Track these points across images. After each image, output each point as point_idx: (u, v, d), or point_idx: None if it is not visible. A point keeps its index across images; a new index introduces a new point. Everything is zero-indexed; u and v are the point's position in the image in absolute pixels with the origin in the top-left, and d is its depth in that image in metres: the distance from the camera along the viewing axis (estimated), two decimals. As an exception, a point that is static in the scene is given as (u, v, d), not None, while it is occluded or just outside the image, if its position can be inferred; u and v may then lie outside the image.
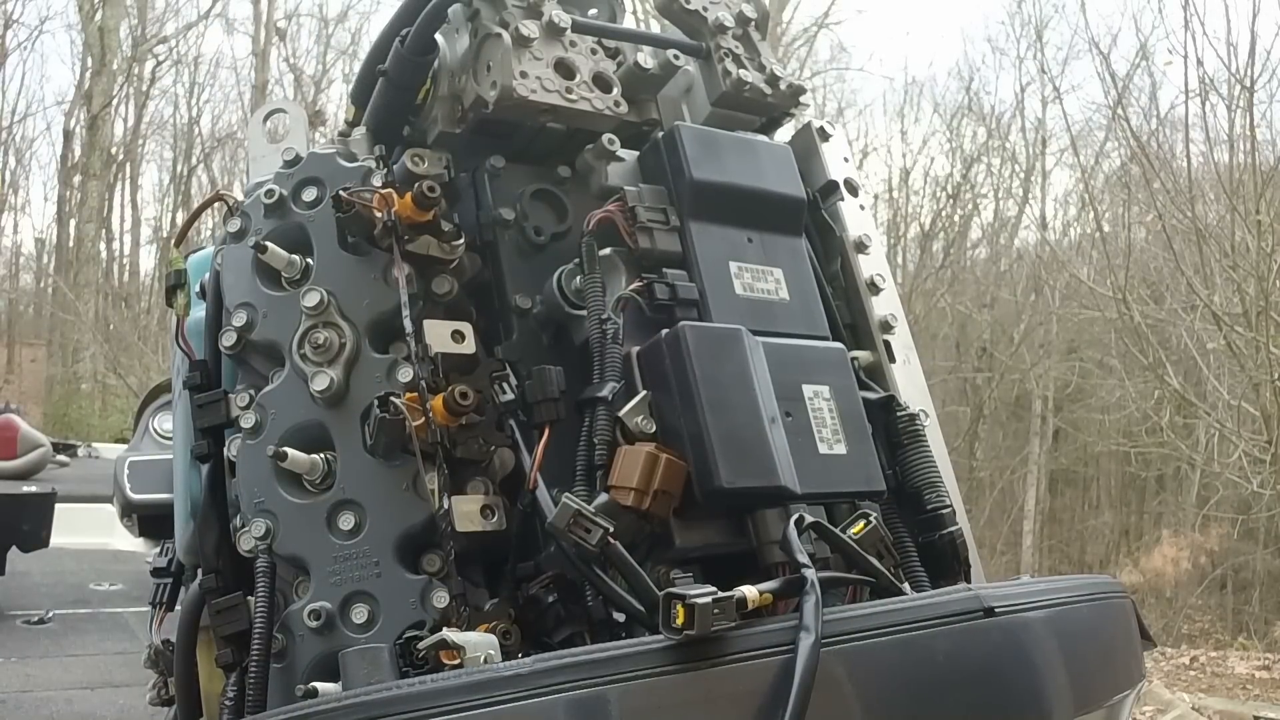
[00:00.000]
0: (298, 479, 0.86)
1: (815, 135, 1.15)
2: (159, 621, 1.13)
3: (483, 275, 0.98)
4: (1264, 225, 9.00)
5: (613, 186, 0.97)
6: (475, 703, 0.61)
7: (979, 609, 0.75)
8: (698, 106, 1.08)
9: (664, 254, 0.93)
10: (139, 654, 1.15)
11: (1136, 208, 12.36)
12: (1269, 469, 9.47)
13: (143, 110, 16.00)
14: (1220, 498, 11.84)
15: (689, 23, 1.07)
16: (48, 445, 3.66)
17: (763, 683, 0.65)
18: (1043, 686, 0.76)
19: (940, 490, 0.98)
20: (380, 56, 1.00)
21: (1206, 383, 10.93)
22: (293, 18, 16.51)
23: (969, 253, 17.11)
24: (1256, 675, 8.11)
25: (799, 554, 0.75)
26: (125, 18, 15.18)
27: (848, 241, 1.11)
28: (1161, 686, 6.98)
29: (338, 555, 0.84)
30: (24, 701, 2.07)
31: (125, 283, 16.39)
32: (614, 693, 0.62)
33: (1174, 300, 11.13)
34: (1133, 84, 12.07)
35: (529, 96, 0.93)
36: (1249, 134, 9.74)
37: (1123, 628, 0.90)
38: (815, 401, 0.90)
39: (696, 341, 0.85)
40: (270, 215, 0.94)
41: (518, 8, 0.96)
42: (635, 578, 0.76)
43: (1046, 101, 15.18)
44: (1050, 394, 15.52)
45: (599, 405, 0.86)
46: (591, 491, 0.83)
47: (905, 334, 1.10)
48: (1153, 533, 14.97)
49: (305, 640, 0.83)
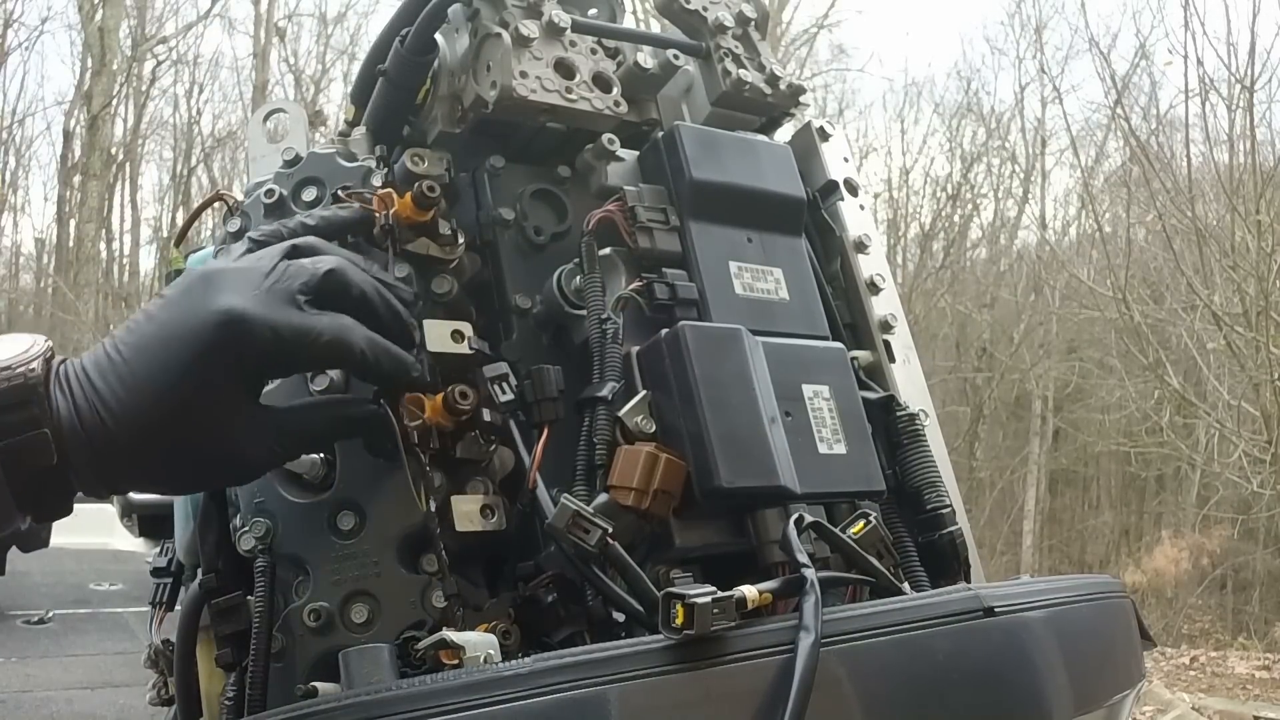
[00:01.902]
0: (298, 479, 0.86)
1: (815, 135, 1.15)
2: (159, 621, 1.13)
3: (483, 275, 0.98)
4: (1264, 225, 9.01)
5: (613, 186, 0.97)
6: (475, 703, 0.61)
7: (979, 609, 0.75)
8: (698, 106, 1.08)
9: (664, 254, 0.93)
10: (139, 654, 1.15)
11: (1136, 208, 12.37)
12: (1269, 469, 9.48)
13: (143, 110, 16.00)
14: (1220, 498, 11.85)
15: (689, 23, 1.07)
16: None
17: (762, 682, 0.65)
18: (1043, 686, 0.76)
19: (940, 490, 0.98)
20: (380, 56, 1.00)
21: (1206, 383, 10.93)
22: (292, 18, 16.51)
23: (969, 253, 17.11)
24: (1256, 675, 8.11)
25: (799, 554, 0.75)
26: (125, 18, 15.18)
27: (848, 241, 1.11)
28: (1161, 686, 6.99)
29: (338, 555, 0.84)
30: (24, 701, 2.07)
31: (125, 283, 16.38)
32: (614, 692, 0.62)
33: (1174, 300, 11.14)
34: (1133, 84, 12.07)
35: (529, 96, 0.93)
36: (1249, 134, 9.74)
37: (1123, 628, 0.90)
38: (815, 401, 0.90)
39: (696, 341, 0.85)
40: (270, 215, 0.94)
41: (518, 8, 0.96)
42: (634, 578, 0.76)
43: (1046, 101, 15.19)
44: (1050, 394, 15.52)
45: (599, 405, 0.86)
46: (591, 491, 0.83)
47: (905, 334, 1.10)
48: (1153, 533, 14.98)
49: (305, 640, 0.83)
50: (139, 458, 0.72)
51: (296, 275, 0.76)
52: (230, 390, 0.73)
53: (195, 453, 0.74)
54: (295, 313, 0.74)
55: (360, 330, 0.78)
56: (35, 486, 0.69)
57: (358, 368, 0.80)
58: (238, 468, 0.78)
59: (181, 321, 0.72)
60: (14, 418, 0.68)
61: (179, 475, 0.76)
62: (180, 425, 0.72)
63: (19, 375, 0.69)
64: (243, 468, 0.78)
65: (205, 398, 0.72)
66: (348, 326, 0.77)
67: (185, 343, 0.71)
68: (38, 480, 0.69)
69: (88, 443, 0.70)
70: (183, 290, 0.74)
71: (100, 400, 0.70)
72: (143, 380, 0.71)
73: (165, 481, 0.77)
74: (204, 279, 0.74)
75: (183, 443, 0.73)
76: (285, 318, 0.73)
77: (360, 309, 0.79)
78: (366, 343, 0.78)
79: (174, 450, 0.73)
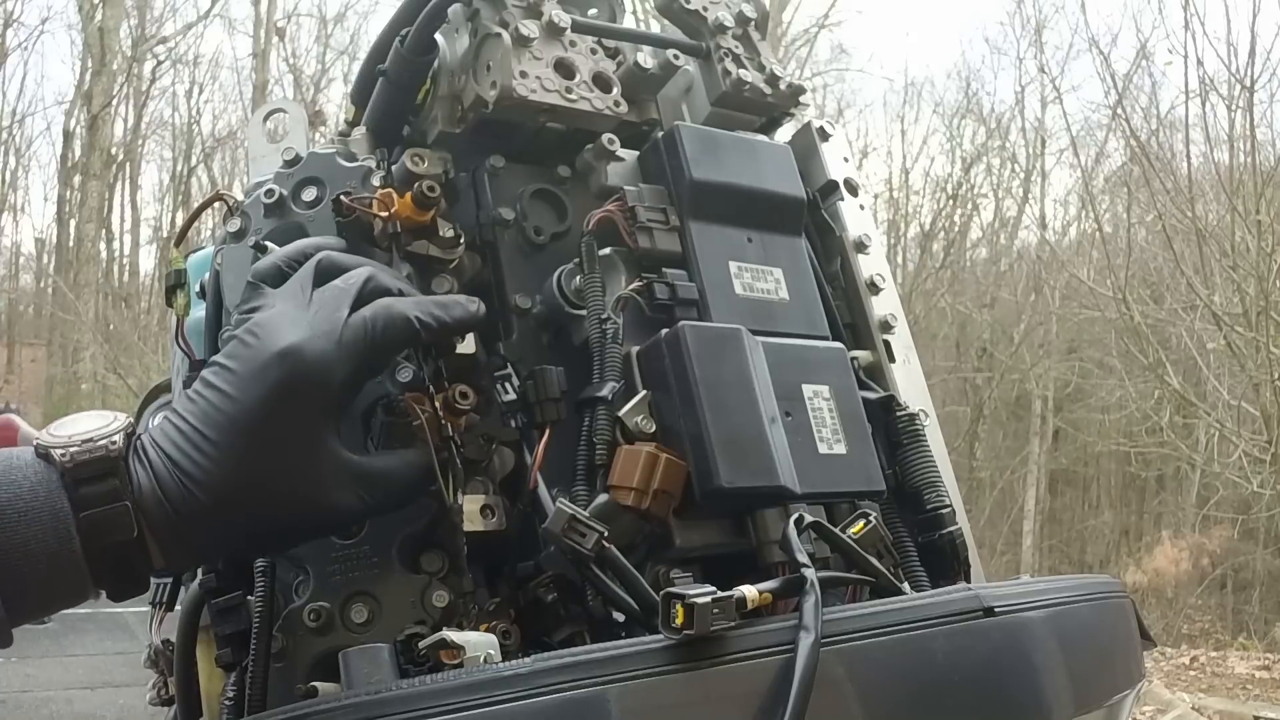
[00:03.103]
0: (298, 479, 0.86)
1: (815, 135, 1.15)
2: (159, 621, 1.13)
3: (483, 275, 0.98)
4: (1264, 225, 9.01)
5: (613, 186, 0.97)
6: (475, 702, 0.61)
7: (979, 608, 0.75)
8: (698, 106, 1.08)
9: (664, 254, 0.93)
10: (139, 654, 1.15)
11: (1137, 208, 12.37)
12: (1269, 469, 9.48)
13: (143, 110, 16.02)
14: (1220, 498, 11.85)
15: (689, 22, 1.07)
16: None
17: (763, 682, 0.65)
18: (1043, 686, 0.76)
19: (940, 490, 0.98)
20: (380, 56, 1.00)
21: (1206, 383, 10.94)
22: (292, 18, 16.51)
23: (969, 253, 17.12)
24: (1256, 675, 8.11)
25: (799, 554, 0.75)
26: (125, 18, 15.18)
27: (848, 241, 1.11)
28: (1161, 686, 6.99)
29: (338, 555, 0.84)
30: (24, 701, 2.08)
31: (125, 283, 16.40)
32: (614, 692, 0.62)
33: (1174, 300, 11.15)
34: (1133, 84, 12.07)
35: (529, 96, 0.93)
36: (1249, 134, 9.75)
37: (1123, 627, 0.90)
38: (815, 401, 0.90)
39: (696, 341, 0.85)
40: (270, 215, 0.94)
41: (518, 8, 0.96)
42: (632, 581, 0.76)
43: (1046, 102, 15.20)
44: (1050, 394, 15.53)
45: (599, 405, 0.86)
46: (592, 491, 0.83)
47: (905, 334, 1.10)
48: (1153, 533, 14.98)
49: (305, 640, 0.82)
50: (225, 520, 0.71)
51: (338, 297, 0.76)
52: (307, 427, 0.72)
53: (281, 504, 0.72)
54: (344, 324, 0.75)
55: (402, 300, 0.78)
56: (113, 561, 0.68)
57: (418, 334, 0.78)
58: (324, 515, 0.75)
59: (244, 374, 0.71)
60: (96, 489, 0.67)
61: (266, 532, 0.75)
62: (262, 474, 0.71)
63: (100, 448, 0.68)
64: (329, 514, 0.76)
65: (282, 439, 0.71)
66: (388, 303, 0.77)
67: (251, 392, 0.70)
68: (116, 554, 0.68)
69: (172, 513, 0.69)
70: (233, 351, 0.74)
71: (178, 469, 0.69)
72: (217, 439, 0.70)
73: (252, 541, 0.76)
74: (250, 334, 0.73)
75: (268, 495, 0.71)
76: (337, 329, 0.73)
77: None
78: (414, 306, 0.78)
79: (260, 505, 0.72)
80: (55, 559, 0.65)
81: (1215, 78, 10.13)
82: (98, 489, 0.67)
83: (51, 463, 0.67)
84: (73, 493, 0.66)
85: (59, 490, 0.66)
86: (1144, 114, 12.22)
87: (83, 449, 0.68)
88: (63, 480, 0.67)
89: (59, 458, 0.67)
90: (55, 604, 0.69)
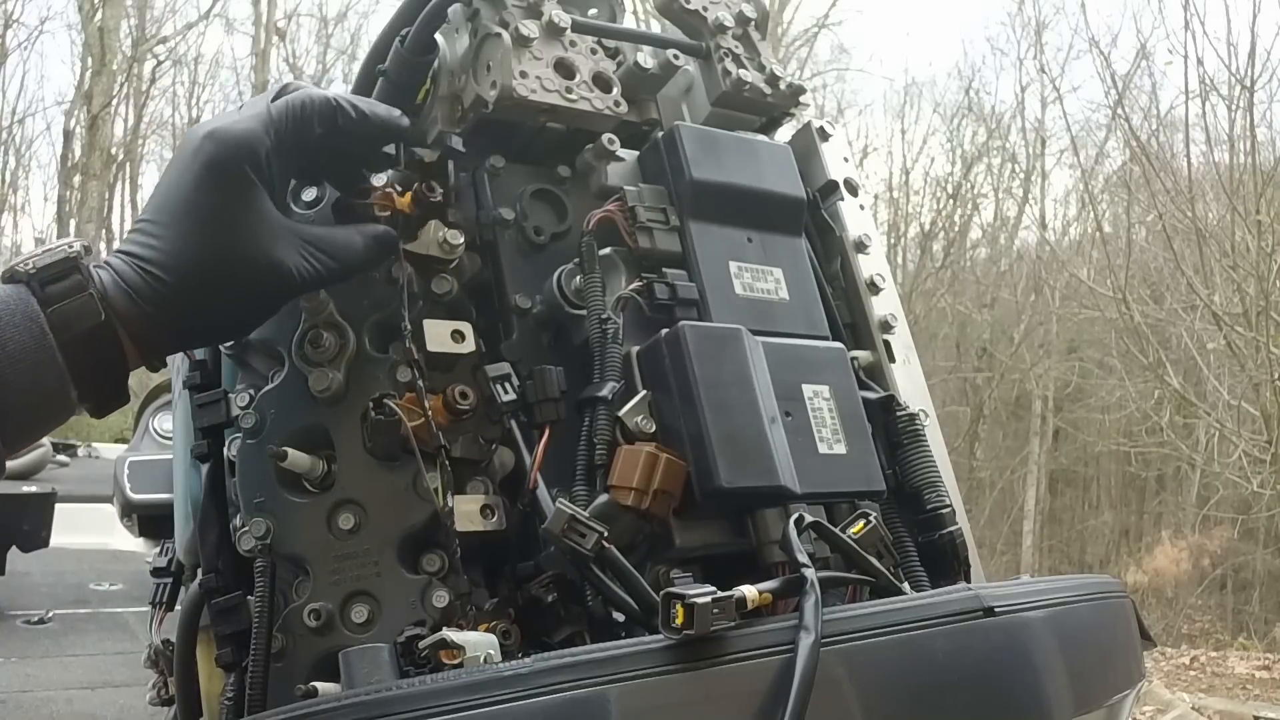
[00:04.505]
0: (298, 479, 0.86)
1: (815, 135, 1.15)
2: (159, 621, 1.13)
3: (483, 275, 0.98)
4: (1264, 225, 9.01)
5: (613, 186, 0.97)
6: (475, 703, 0.61)
7: (979, 609, 0.75)
8: (698, 106, 1.08)
9: (664, 254, 0.93)
10: (139, 654, 1.15)
11: (1137, 208, 12.37)
12: (1269, 469, 9.48)
13: (143, 110, 16.01)
14: (1220, 498, 11.85)
15: (689, 22, 1.07)
16: (48, 445, 3.65)
17: (763, 682, 0.65)
18: (1042, 686, 0.76)
19: (940, 490, 0.98)
20: (380, 56, 1.00)
21: (1206, 383, 10.94)
22: (292, 18, 16.51)
23: (969, 253, 17.12)
24: (1256, 675, 8.11)
25: (799, 554, 0.75)
26: (125, 18, 15.17)
27: (848, 241, 1.11)
28: (1161, 686, 6.99)
29: (338, 555, 0.84)
30: (24, 701, 2.07)
31: (125, 283, 16.35)
32: (614, 692, 0.62)
33: (1174, 300, 11.15)
34: (1133, 84, 12.07)
35: (529, 96, 0.93)
36: (1249, 134, 9.75)
37: (1123, 627, 0.90)
38: (815, 401, 0.90)
39: (696, 341, 0.85)
40: (270, 215, 0.94)
41: (518, 8, 0.96)
42: (632, 581, 0.76)
43: (1046, 102, 15.20)
44: (1050, 394, 15.52)
45: (599, 405, 0.86)
46: (592, 491, 0.83)
47: (905, 334, 1.10)
48: (1153, 533, 14.98)
49: (305, 640, 0.83)
50: (186, 297, 0.76)
51: (268, 94, 0.83)
52: (240, 191, 0.77)
53: (234, 270, 0.77)
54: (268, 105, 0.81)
55: (322, 90, 0.84)
56: (89, 359, 0.73)
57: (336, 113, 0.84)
58: (279, 279, 0.79)
59: (180, 160, 0.78)
60: (61, 285, 0.72)
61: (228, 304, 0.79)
62: (212, 244, 0.76)
63: (59, 252, 0.74)
64: (284, 278, 0.79)
65: (221, 205, 0.76)
66: (310, 88, 0.84)
67: (187, 173, 0.77)
68: (92, 352, 0.73)
69: (137, 299, 0.74)
70: (175, 149, 0.81)
71: (136, 258, 0.75)
72: (166, 220, 0.76)
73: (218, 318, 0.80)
74: (189, 132, 0.80)
75: (219, 262, 0.76)
76: (263, 110, 0.80)
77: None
78: (336, 96, 0.84)
79: (215, 273, 0.76)
80: (33, 357, 0.70)
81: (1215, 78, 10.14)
82: (62, 285, 0.73)
83: (19, 280, 0.73)
84: (39, 293, 0.72)
85: (28, 295, 0.72)
86: (1144, 114, 12.22)
87: (43, 256, 0.74)
88: (29, 286, 0.72)
89: (23, 268, 0.73)
90: (40, 410, 0.72)
